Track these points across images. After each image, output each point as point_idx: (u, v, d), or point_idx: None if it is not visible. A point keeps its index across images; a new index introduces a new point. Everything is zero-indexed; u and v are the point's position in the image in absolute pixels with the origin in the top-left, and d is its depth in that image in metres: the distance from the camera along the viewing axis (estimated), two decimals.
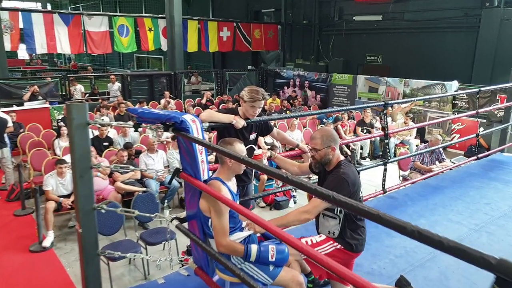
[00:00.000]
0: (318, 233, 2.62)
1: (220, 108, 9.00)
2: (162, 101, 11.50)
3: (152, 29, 13.44)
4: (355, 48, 13.97)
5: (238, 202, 2.49)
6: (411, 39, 12.14)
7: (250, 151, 2.85)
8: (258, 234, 2.46)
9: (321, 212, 2.50)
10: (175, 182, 6.12)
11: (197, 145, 2.35)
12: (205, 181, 2.39)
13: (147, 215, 2.66)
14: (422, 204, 4.38)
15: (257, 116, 2.96)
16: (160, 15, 13.50)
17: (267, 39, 15.78)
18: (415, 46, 12.02)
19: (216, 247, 2.28)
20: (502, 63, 9.58)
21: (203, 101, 11.86)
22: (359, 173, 2.56)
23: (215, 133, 3.37)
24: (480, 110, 5.11)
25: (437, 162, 6.12)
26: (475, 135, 5.09)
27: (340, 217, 2.47)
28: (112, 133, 8.08)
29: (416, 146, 9.21)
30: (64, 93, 12.12)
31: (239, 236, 2.35)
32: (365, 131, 9.24)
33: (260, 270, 2.29)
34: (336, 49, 14.75)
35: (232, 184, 2.43)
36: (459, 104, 9.37)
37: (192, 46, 13.98)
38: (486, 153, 5.41)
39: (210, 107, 11.24)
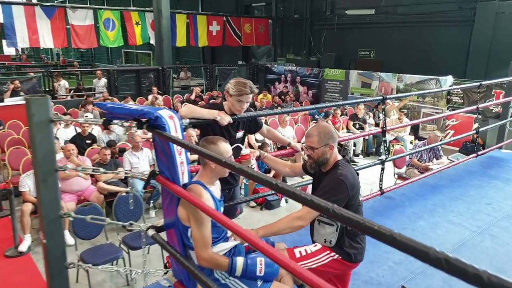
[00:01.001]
0: (313, 242, 2.36)
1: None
2: (150, 97, 11.15)
3: (140, 23, 13.05)
4: (347, 42, 13.74)
5: (222, 209, 2.22)
6: (405, 33, 11.93)
7: (237, 151, 2.57)
8: (246, 244, 2.19)
9: (316, 218, 2.24)
10: None
11: (175, 144, 2.07)
12: (185, 186, 2.11)
13: (120, 223, 2.37)
14: (420, 204, 4.14)
15: (245, 112, 2.68)
16: (147, 9, 13.12)
17: (258, 34, 15.47)
18: (408, 40, 11.81)
19: (197, 260, 2.00)
20: (497, 57, 9.41)
21: (192, 96, 11.54)
22: (358, 174, 2.30)
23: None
24: (480, 106, 4.88)
25: (434, 160, 5.91)
26: (475, 131, 4.87)
27: (338, 223, 2.21)
28: (96, 130, 7.74)
29: (411, 142, 9.03)
30: (48, 89, 11.70)
31: (224, 247, 2.08)
32: (357, 126, 9.01)
33: (246, 286, 2.02)
34: (328, 44, 14.50)
35: (216, 188, 2.16)
36: (453, 100, 9.18)
37: (181, 40, 13.62)
38: (485, 150, 5.19)
39: (199, 103, 10.92)
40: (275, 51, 16.32)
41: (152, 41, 13.20)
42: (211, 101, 10.54)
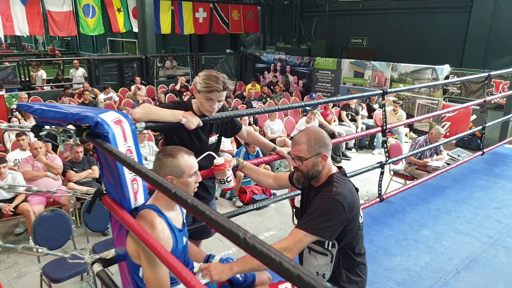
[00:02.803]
0: None
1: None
2: (133, 87, 10.59)
3: (121, 9, 12.38)
4: (339, 30, 13.22)
5: (185, 239, 1.75)
6: (399, 20, 11.44)
7: (209, 160, 2.09)
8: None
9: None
10: None
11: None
12: (137, 210, 1.64)
13: (53, 252, 1.90)
14: (422, 209, 3.72)
15: (220, 111, 2.20)
16: None
17: (246, 21, 14.86)
18: (402, 27, 11.34)
19: None
20: (496, 46, 9.01)
21: (177, 87, 10.98)
22: (357, 190, 1.85)
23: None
24: (488, 98, 4.46)
25: (434, 155, 5.50)
26: (481, 127, 4.44)
27: (333, 253, 1.77)
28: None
29: (406, 135, 8.62)
30: (25, 79, 11.04)
31: None
32: (349, 116, 8.58)
33: None
34: (319, 32, 13.97)
35: (177, 214, 1.69)
36: (450, 90, 8.77)
37: (165, 28, 12.98)
38: (492, 147, 4.77)
39: (184, 93, 10.39)
40: (264, 39, 15.76)
41: (135, 29, 12.55)
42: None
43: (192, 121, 1.96)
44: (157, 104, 2.95)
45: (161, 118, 1.91)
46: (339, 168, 1.87)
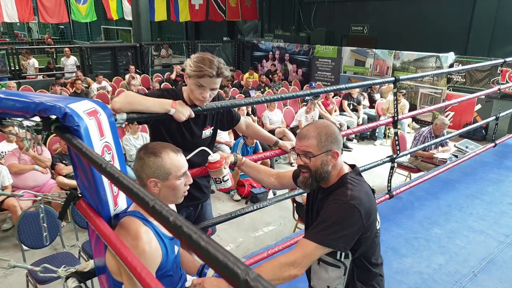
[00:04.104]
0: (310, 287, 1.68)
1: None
2: (127, 76, 10.27)
3: None
4: (339, 17, 12.86)
5: (177, 248, 1.51)
6: (401, 7, 11.08)
7: (203, 156, 1.84)
8: None
9: None
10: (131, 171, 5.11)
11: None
12: (117, 217, 1.40)
13: (21, 265, 1.65)
14: (432, 205, 3.50)
15: (215, 100, 1.93)
16: None
17: (244, 8, 14.46)
18: (404, 14, 10.99)
19: None
20: (503, 33, 8.70)
21: (173, 76, 10.67)
22: (374, 191, 1.60)
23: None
24: (502, 87, 4.20)
25: (439, 147, 5.26)
26: (494, 117, 4.19)
27: (346, 264, 1.53)
28: None
29: (408, 125, 8.38)
30: (15, 68, 10.70)
31: None
32: (351, 106, 8.31)
33: None
34: (319, 19, 13.60)
35: None
36: (454, 79, 8.51)
37: (160, 15, 12.59)
38: (504, 138, 4.53)
39: (179, 83, 10.08)
40: (262, 27, 15.37)
41: (127, 16, 12.18)
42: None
43: (182, 112, 1.69)
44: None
45: (146, 108, 1.64)
46: (352, 166, 1.62)
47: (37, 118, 1.37)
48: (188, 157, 1.79)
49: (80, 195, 1.47)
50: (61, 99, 1.43)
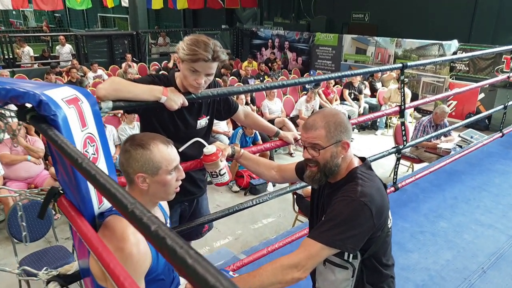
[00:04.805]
0: None
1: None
2: (123, 65, 10.08)
3: None
4: (339, 4, 12.59)
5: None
6: None
7: (198, 148, 1.70)
8: None
9: None
10: None
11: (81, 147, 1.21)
12: (103, 216, 1.26)
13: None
14: (438, 198, 3.38)
15: (211, 88, 1.78)
16: None
17: None
18: (406, 1, 10.73)
19: None
20: (507, 20, 8.50)
21: (170, 64, 10.46)
22: (386, 187, 1.47)
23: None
24: None
25: (442, 137, 5.13)
26: (502, 106, 4.05)
27: (355, 265, 1.41)
28: None
29: (410, 115, 8.24)
30: (9, 57, 10.49)
31: None
32: (352, 95, 8.14)
33: None
34: (319, 6, 13.33)
35: None
36: (457, 67, 8.33)
37: (157, 2, 12.34)
38: None
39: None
40: (261, 14, 15.10)
41: (124, 3, 11.92)
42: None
43: (174, 100, 1.53)
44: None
45: (134, 95, 1.48)
46: (363, 159, 1.49)
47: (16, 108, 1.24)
48: (182, 148, 1.65)
49: (61, 191, 1.34)
50: (40, 85, 1.29)
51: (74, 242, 1.43)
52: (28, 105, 1.22)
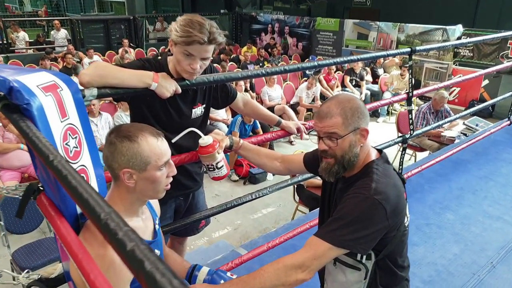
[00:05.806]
0: None
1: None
2: (120, 50, 9.88)
3: None
4: None
5: (158, 250, 1.26)
6: None
7: (194, 140, 1.57)
8: None
9: None
10: None
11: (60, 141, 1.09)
12: (85, 216, 1.14)
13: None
14: (443, 188, 3.27)
15: (207, 73, 1.65)
16: None
17: None
18: None
19: None
20: None
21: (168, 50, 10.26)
22: (404, 182, 1.34)
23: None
24: None
25: (445, 125, 5.00)
26: (510, 93, 3.91)
27: (368, 266, 1.29)
28: None
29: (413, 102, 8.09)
30: (3, 42, 10.29)
31: None
32: (353, 82, 7.98)
33: None
34: None
35: (144, 220, 1.19)
36: (461, 53, 8.15)
37: None
38: None
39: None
40: None
41: None
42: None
43: (166, 87, 1.40)
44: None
45: (121, 81, 1.34)
46: (380, 151, 1.36)
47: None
48: (175, 139, 1.53)
49: (41, 188, 1.21)
50: (17, 70, 1.15)
51: (57, 242, 1.31)
52: (1, 93, 1.09)
